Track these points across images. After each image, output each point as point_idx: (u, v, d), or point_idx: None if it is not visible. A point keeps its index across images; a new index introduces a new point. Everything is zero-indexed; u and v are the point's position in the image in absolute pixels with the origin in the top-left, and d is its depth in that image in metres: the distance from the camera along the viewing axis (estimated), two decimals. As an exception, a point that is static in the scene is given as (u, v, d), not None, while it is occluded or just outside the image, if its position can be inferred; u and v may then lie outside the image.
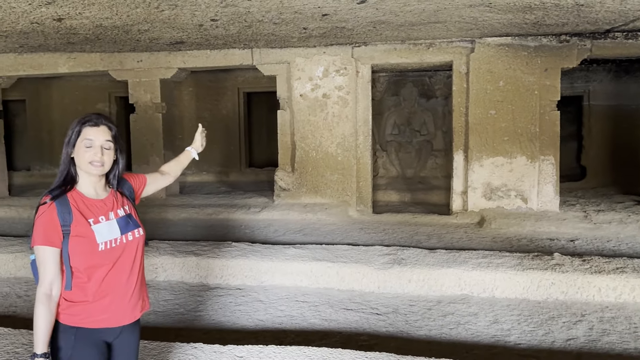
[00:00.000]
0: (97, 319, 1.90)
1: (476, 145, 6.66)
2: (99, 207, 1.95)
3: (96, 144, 1.92)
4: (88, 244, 1.86)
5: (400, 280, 4.47)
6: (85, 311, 1.88)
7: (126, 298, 1.97)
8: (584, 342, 3.52)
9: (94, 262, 1.87)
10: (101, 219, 1.92)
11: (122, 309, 1.96)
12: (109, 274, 1.91)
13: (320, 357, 2.95)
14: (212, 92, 10.82)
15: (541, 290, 4.25)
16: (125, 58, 7.53)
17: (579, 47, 6.40)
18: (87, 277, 1.88)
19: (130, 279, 1.98)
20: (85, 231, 1.86)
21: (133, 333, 2.05)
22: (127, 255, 1.96)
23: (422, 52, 6.79)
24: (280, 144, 7.42)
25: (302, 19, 5.25)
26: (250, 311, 4.14)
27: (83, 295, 1.88)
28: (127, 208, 2.05)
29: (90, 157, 1.91)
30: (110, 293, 1.92)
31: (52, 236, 1.81)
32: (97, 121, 1.95)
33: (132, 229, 2.00)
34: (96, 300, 1.89)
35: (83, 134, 1.92)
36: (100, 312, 1.90)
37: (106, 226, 1.91)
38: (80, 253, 1.85)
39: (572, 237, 5.80)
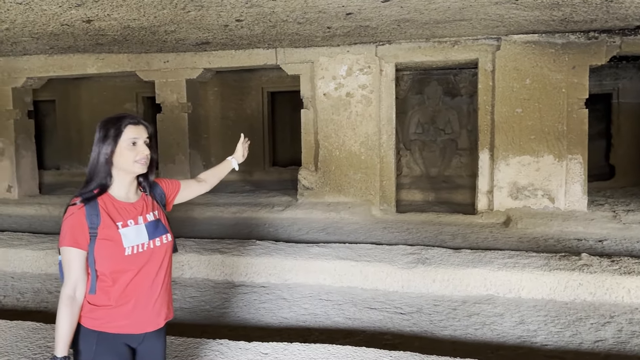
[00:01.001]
0: (119, 325, 1.86)
1: (502, 143, 6.59)
2: (129, 210, 1.91)
3: (140, 142, 1.89)
4: (115, 247, 1.82)
5: (424, 280, 4.45)
6: (107, 316, 1.84)
7: (149, 304, 1.92)
8: (613, 344, 3.46)
9: (120, 267, 1.84)
10: (130, 222, 1.88)
11: (145, 315, 1.91)
12: (134, 279, 1.87)
13: (345, 355, 2.96)
14: (237, 91, 10.91)
15: (568, 291, 4.18)
16: (152, 59, 7.65)
17: (607, 43, 6.27)
18: (112, 281, 1.84)
19: (154, 285, 1.93)
20: (113, 234, 1.83)
21: (158, 339, 2.00)
22: (153, 261, 1.92)
23: (447, 50, 6.74)
24: (303, 143, 7.45)
25: (326, 18, 5.26)
26: (275, 309, 4.17)
27: (106, 300, 1.84)
28: (156, 213, 2.00)
29: (136, 155, 1.88)
30: (134, 298, 1.87)
31: (79, 238, 1.79)
32: (137, 120, 1.92)
33: (161, 234, 1.96)
34: (119, 305, 1.85)
35: (126, 133, 1.87)
36: (123, 317, 1.86)
37: (134, 230, 1.87)
38: (106, 256, 1.82)
39: (600, 237, 5.70)
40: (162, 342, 2.04)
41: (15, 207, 7.84)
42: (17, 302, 4.52)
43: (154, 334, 1.96)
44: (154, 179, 2.08)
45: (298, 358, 2.95)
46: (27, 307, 4.41)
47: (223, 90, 10.95)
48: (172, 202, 2.22)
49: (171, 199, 2.20)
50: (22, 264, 5.30)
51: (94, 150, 1.89)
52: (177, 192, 2.22)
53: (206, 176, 2.44)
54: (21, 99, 8.40)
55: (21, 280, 5.03)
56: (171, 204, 2.22)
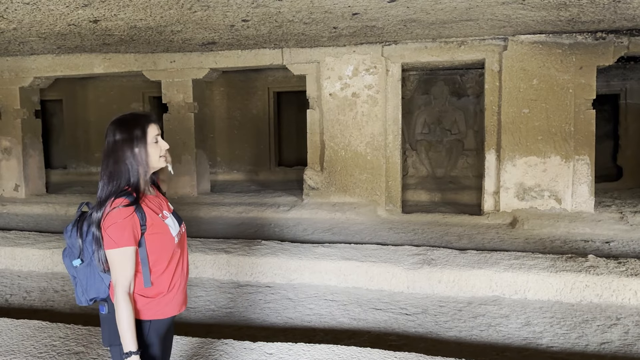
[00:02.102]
0: (168, 309, 1.98)
1: (509, 144, 6.56)
2: (158, 203, 2.01)
3: (159, 138, 1.99)
4: (166, 238, 1.94)
5: (429, 281, 4.44)
6: (160, 302, 1.95)
7: (182, 286, 2.05)
8: (619, 346, 3.44)
9: (171, 256, 1.96)
10: (165, 213, 2.00)
11: (180, 297, 2.04)
12: (178, 265, 2.00)
13: (349, 355, 2.96)
14: (243, 91, 10.93)
15: (575, 292, 4.16)
16: (158, 58, 7.68)
17: (615, 44, 6.23)
18: (163, 270, 1.95)
19: (185, 269, 2.07)
20: (161, 226, 1.93)
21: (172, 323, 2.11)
22: (183, 247, 2.06)
23: (453, 50, 6.72)
24: (309, 143, 7.45)
25: (333, 18, 5.26)
26: (280, 309, 4.17)
27: (159, 288, 1.94)
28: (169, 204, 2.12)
29: (160, 151, 1.97)
30: (177, 281, 2.00)
31: (135, 236, 1.85)
32: (153, 117, 2.01)
33: (181, 222, 2.09)
34: (169, 290, 1.97)
35: (150, 131, 1.95)
36: (171, 300, 1.98)
37: (171, 219, 2.00)
38: (159, 249, 1.92)
39: (607, 238, 5.66)
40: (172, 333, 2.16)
41: (22, 206, 7.89)
42: (24, 300, 4.55)
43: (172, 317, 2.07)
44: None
45: (303, 358, 2.95)
46: (33, 305, 4.43)
47: (229, 90, 10.97)
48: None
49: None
50: (29, 262, 5.33)
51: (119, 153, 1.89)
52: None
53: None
54: (28, 99, 8.46)
55: (27, 279, 5.06)
56: None
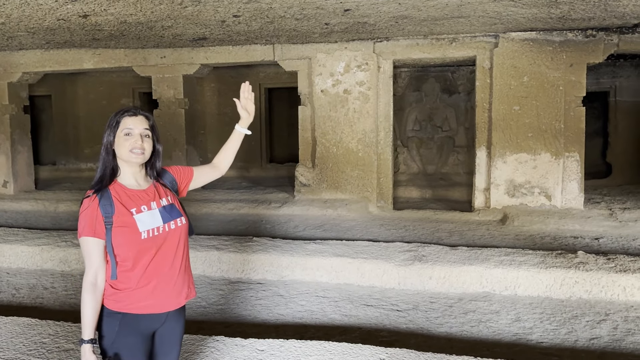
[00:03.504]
0: (142, 305, 1.94)
1: (499, 141, 6.59)
2: (141, 197, 1.98)
3: (135, 132, 1.96)
4: (131, 233, 1.90)
5: (420, 277, 4.45)
6: (129, 297, 1.93)
7: (170, 284, 2.00)
8: (608, 341, 3.47)
9: (138, 250, 1.92)
10: (143, 208, 1.96)
11: (166, 294, 1.99)
12: (153, 261, 1.95)
13: (341, 352, 2.96)
14: (234, 87, 10.85)
15: (564, 288, 4.19)
16: (149, 54, 7.62)
17: (605, 42, 6.27)
18: (131, 265, 1.92)
19: (173, 266, 2.01)
20: (128, 220, 1.91)
21: (178, 321, 2.08)
22: (169, 243, 1.99)
23: (444, 47, 6.73)
24: (300, 139, 7.43)
25: (324, 14, 5.25)
26: (271, 305, 4.17)
27: (127, 283, 1.93)
28: (169, 198, 2.07)
29: (131, 145, 1.95)
30: (154, 279, 1.96)
31: (96, 228, 1.87)
32: (135, 111, 2.00)
33: (175, 217, 2.03)
34: (140, 287, 1.93)
35: (122, 123, 1.96)
36: (145, 297, 1.94)
37: (148, 215, 1.95)
38: (124, 242, 1.90)
39: (596, 235, 5.71)
40: (182, 324, 2.12)
41: (11, 203, 7.81)
42: (13, 297, 4.51)
43: (175, 315, 2.06)
44: (162, 167, 2.15)
45: (294, 355, 2.95)
46: (22, 302, 4.39)
47: (220, 86, 10.93)
48: (186, 189, 2.27)
49: (184, 185, 2.24)
50: (18, 259, 5.28)
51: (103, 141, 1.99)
52: (189, 179, 2.27)
53: (219, 159, 2.37)
54: (17, 94, 8.36)
55: (16, 276, 5.02)
56: (185, 190, 2.26)
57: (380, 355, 2.91)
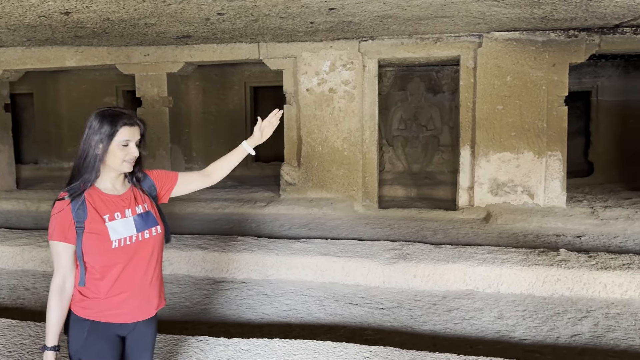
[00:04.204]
0: (111, 314, 1.89)
1: (483, 140, 6.64)
2: (116, 203, 1.90)
3: (131, 144, 1.90)
4: (101, 241, 1.83)
5: (405, 275, 4.47)
6: (98, 306, 1.87)
7: (141, 295, 1.94)
8: (589, 338, 3.51)
9: (108, 260, 1.85)
10: (116, 215, 1.88)
11: (136, 305, 1.93)
12: (124, 272, 1.88)
13: (325, 350, 2.97)
14: (219, 86, 10.82)
15: (547, 286, 4.24)
16: (132, 52, 7.55)
17: (587, 42, 6.35)
18: (100, 275, 1.86)
19: (145, 277, 1.94)
20: (100, 228, 1.83)
21: (148, 328, 2.02)
22: (142, 253, 1.92)
23: (429, 46, 6.76)
24: (286, 138, 7.42)
25: (309, 13, 5.24)
26: (256, 305, 4.16)
27: (96, 292, 1.87)
28: (146, 205, 1.99)
29: (125, 156, 1.89)
30: (125, 290, 1.89)
31: (67, 232, 1.81)
32: (132, 120, 1.91)
33: (150, 226, 1.95)
34: (109, 297, 1.87)
35: (121, 133, 1.87)
36: (114, 307, 1.88)
37: (121, 223, 1.87)
38: (94, 250, 1.83)
39: (578, 233, 5.78)
40: (153, 330, 2.05)
41: (-9, 202, 7.69)
42: (-7, 298, 4.44)
43: (145, 322, 1.99)
44: (144, 170, 2.06)
45: (278, 354, 2.95)
46: (2, 303, 4.32)
47: (205, 84, 10.86)
48: (168, 195, 2.16)
49: (164, 191, 2.14)
50: (-2, 260, 5.20)
51: (85, 143, 1.87)
52: (172, 185, 2.16)
53: (213, 168, 2.26)
54: (-3, 92, 8.24)
55: (-3, 277, 4.94)
56: (166, 196, 2.15)
57: (365, 354, 2.92)
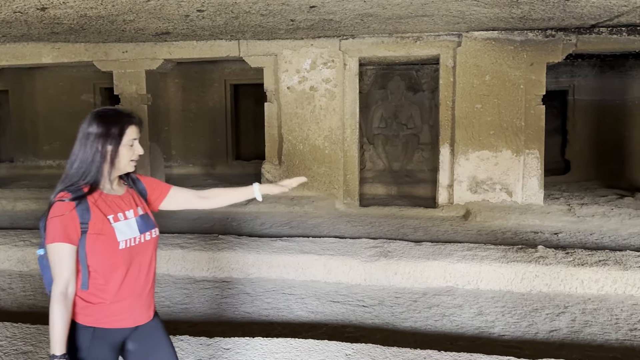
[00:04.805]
0: (114, 319, 1.85)
1: (462, 139, 6.70)
2: (117, 203, 1.88)
3: (136, 143, 1.90)
4: (108, 241, 1.79)
5: (386, 273, 4.50)
6: (102, 311, 1.83)
7: (142, 299, 1.92)
8: (567, 333, 3.57)
9: (114, 261, 1.81)
10: (120, 216, 1.85)
11: (138, 309, 1.91)
12: (127, 275, 1.85)
13: (307, 348, 2.97)
14: (199, 83, 10.74)
15: (525, 282, 4.30)
16: (110, 49, 7.44)
17: (564, 41, 6.45)
18: (104, 279, 1.81)
19: (146, 280, 1.94)
20: (105, 228, 1.79)
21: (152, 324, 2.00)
22: (144, 255, 1.91)
23: (409, 45, 6.80)
24: (267, 136, 7.40)
25: (290, 10, 5.23)
26: (237, 304, 4.14)
27: (101, 297, 1.82)
28: (143, 207, 1.99)
29: (132, 155, 1.89)
30: (131, 294, 1.87)
31: (71, 233, 1.74)
32: (135, 119, 1.90)
33: (150, 228, 1.95)
34: (115, 302, 1.84)
35: (129, 133, 1.86)
36: (118, 312, 1.85)
37: (125, 224, 1.85)
38: (100, 251, 1.78)
39: (556, 230, 5.88)
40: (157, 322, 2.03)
41: (-35, 202, 7.52)
42: (-33, 300, 4.34)
43: (147, 326, 1.96)
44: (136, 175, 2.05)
45: (260, 353, 2.94)
46: (-23, 305, 4.24)
47: (184, 82, 10.77)
48: (157, 204, 2.13)
49: (153, 198, 2.11)
50: (-28, 260, 5.09)
51: (88, 146, 1.82)
52: (163, 195, 2.13)
53: (213, 194, 2.24)
54: (-29, 89, 8.06)
55: (-29, 278, 4.84)
56: (155, 204, 2.13)
57: (346, 351, 2.93)
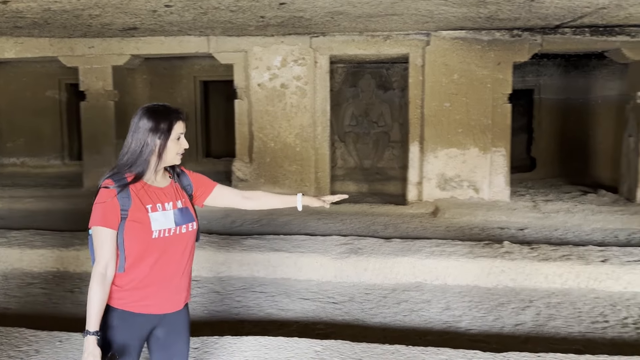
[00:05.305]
0: (141, 304, 1.93)
1: (431, 136, 6.78)
2: (158, 195, 1.96)
3: (182, 137, 1.99)
4: (143, 229, 1.89)
5: (356, 269, 4.52)
6: (131, 296, 1.91)
7: (171, 287, 1.99)
8: (532, 327, 3.66)
9: (146, 249, 1.90)
10: (158, 207, 1.94)
11: (165, 298, 1.98)
12: (158, 263, 1.93)
13: (277, 346, 2.96)
14: (167, 80, 10.58)
15: (491, 277, 4.38)
16: (76, 44, 7.28)
17: (530, 41, 6.59)
18: (136, 262, 1.91)
19: (178, 270, 2.00)
20: (142, 217, 1.89)
21: (179, 316, 2.06)
22: (177, 247, 1.98)
23: (379, 44, 6.84)
24: (237, 134, 7.35)
25: (260, 7, 5.20)
26: (206, 303, 4.11)
27: (131, 280, 1.91)
28: (184, 201, 2.05)
29: (179, 149, 1.98)
30: (157, 282, 1.94)
31: (111, 218, 1.85)
32: (182, 115, 2.00)
33: (187, 222, 2.01)
34: (143, 287, 1.92)
35: (176, 128, 1.95)
36: (144, 297, 1.93)
37: (162, 215, 1.94)
38: (134, 238, 1.88)
39: (521, 226, 6.00)
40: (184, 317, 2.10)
41: None
42: None
43: (174, 315, 2.03)
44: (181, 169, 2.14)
45: (229, 351, 2.92)
46: None
47: (152, 78, 10.59)
48: (202, 199, 2.20)
49: (199, 193, 2.18)
50: None
51: (137, 139, 1.92)
52: (208, 192, 2.21)
53: (257, 196, 2.32)
54: None
55: None
56: (200, 200, 2.19)
57: (316, 348, 2.94)
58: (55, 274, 4.73)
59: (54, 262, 4.82)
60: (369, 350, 2.92)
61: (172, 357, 2.06)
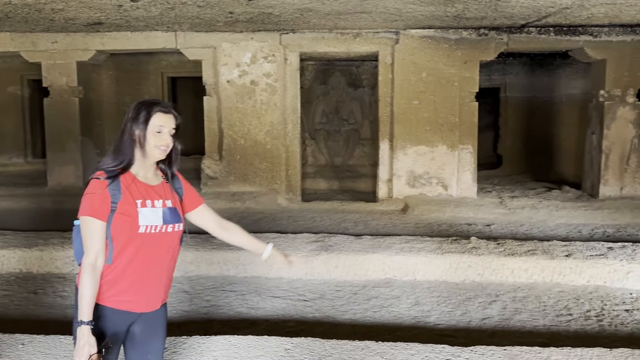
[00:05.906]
0: (119, 300, 1.93)
1: (401, 134, 6.84)
2: (149, 192, 1.98)
3: (165, 131, 1.96)
4: (130, 223, 1.89)
5: (327, 267, 4.53)
6: (110, 289, 1.91)
7: (151, 286, 1.99)
8: (498, 320, 3.73)
9: (130, 243, 1.90)
10: (148, 203, 1.95)
11: (145, 296, 1.98)
12: (139, 257, 1.93)
13: (246, 345, 2.94)
14: (134, 76, 10.38)
15: (459, 272, 4.44)
16: (38, 38, 7.07)
17: (496, 40, 6.70)
18: (119, 255, 1.91)
19: (158, 269, 2.00)
20: (131, 211, 1.90)
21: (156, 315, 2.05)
22: (162, 245, 1.98)
23: (349, 41, 6.86)
24: (207, 131, 7.27)
25: (228, 2, 5.15)
26: (175, 302, 4.05)
27: (110, 271, 1.91)
28: (174, 201, 2.05)
29: (159, 141, 1.95)
30: (136, 278, 1.94)
31: (100, 209, 1.86)
32: (168, 108, 1.99)
33: (175, 222, 2.01)
34: (119, 280, 1.92)
35: (155, 119, 1.94)
36: (121, 292, 1.93)
37: (151, 212, 1.94)
38: (121, 231, 1.89)
39: (488, 222, 6.11)
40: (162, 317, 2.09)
41: None
42: None
43: (151, 313, 2.03)
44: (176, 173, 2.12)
45: (197, 351, 2.89)
46: None
47: (119, 74, 10.38)
48: (187, 212, 2.17)
49: (186, 203, 2.16)
50: None
51: (122, 128, 1.96)
52: (195, 205, 2.20)
53: (234, 230, 2.30)
54: None
55: None
56: (185, 211, 2.16)
57: (286, 346, 2.93)
58: (18, 275, 4.60)
59: (16, 263, 4.68)
60: (339, 346, 2.93)
61: (147, 355, 2.06)
